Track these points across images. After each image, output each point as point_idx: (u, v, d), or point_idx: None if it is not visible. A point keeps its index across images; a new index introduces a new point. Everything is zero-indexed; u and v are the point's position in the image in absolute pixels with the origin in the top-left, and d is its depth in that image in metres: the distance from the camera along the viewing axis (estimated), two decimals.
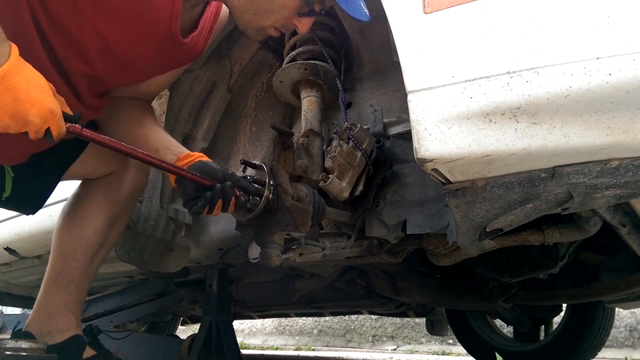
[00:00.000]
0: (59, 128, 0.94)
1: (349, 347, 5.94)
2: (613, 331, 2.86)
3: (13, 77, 0.86)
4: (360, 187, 1.30)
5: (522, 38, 0.83)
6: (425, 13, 0.93)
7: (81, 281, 1.38)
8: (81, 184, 1.46)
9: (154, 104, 1.49)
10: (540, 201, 0.98)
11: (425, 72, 0.90)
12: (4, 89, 0.86)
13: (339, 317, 6.12)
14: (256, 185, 1.16)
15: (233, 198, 1.11)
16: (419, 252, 1.65)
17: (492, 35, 0.85)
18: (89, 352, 1.33)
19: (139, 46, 1.13)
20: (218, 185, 1.11)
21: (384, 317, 5.37)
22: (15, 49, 0.88)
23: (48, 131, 0.93)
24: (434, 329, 2.85)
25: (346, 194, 1.28)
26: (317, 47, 1.43)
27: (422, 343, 5.59)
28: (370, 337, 6.00)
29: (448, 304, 2.26)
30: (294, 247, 1.31)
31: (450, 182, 0.96)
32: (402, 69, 0.93)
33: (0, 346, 1.16)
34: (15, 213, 1.90)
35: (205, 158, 1.21)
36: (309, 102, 1.43)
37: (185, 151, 1.24)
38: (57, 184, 1.39)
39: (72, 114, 0.98)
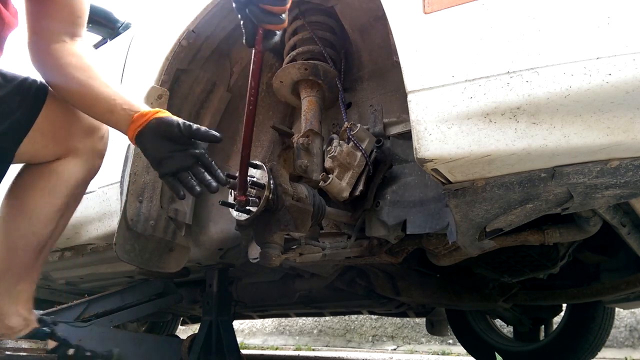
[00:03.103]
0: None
1: (349, 347, 5.94)
2: (613, 331, 2.86)
3: None
4: (360, 187, 1.30)
5: (522, 38, 0.83)
6: (425, 13, 0.93)
7: (31, 275, 1.31)
8: (25, 170, 1.32)
9: (154, 104, 1.49)
10: (540, 201, 0.98)
11: (425, 72, 0.90)
12: None
13: (339, 317, 6.12)
14: (255, 186, 1.16)
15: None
16: (419, 252, 1.65)
17: (492, 35, 0.86)
18: (50, 344, 1.31)
19: None
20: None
21: (384, 317, 5.36)
22: None
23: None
24: (434, 329, 2.85)
25: (346, 194, 1.28)
26: (317, 47, 1.43)
27: (422, 343, 5.59)
28: (370, 337, 6.00)
29: (448, 304, 2.26)
30: (294, 247, 1.31)
31: (450, 182, 0.96)
32: (402, 69, 0.93)
33: (0, 346, 1.16)
34: None
35: (162, 113, 1.13)
36: (309, 102, 1.43)
37: (140, 109, 1.15)
38: (7, 168, 1.27)
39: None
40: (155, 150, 1.08)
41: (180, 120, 1.11)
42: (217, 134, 1.09)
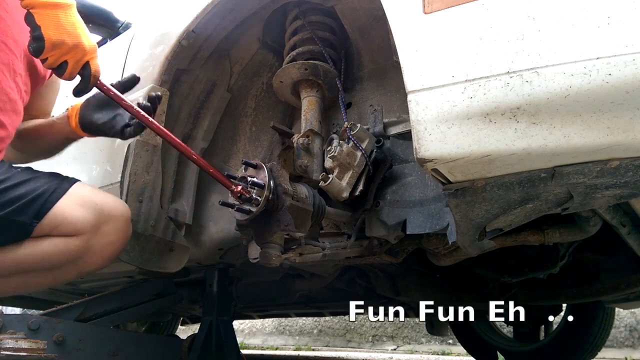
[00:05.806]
0: (96, 65, 1.08)
1: (349, 347, 5.94)
2: (613, 331, 2.86)
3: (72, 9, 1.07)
4: (360, 187, 1.30)
5: (522, 38, 0.83)
6: (425, 13, 0.93)
7: None
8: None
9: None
10: (540, 201, 0.98)
11: (425, 72, 0.90)
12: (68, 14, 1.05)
13: (339, 317, 6.11)
14: (255, 182, 1.17)
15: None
16: (419, 252, 1.65)
17: (492, 35, 0.85)
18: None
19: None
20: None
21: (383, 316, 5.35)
22: None
23: (86, 65, 1.07)
24: (434, 329, 2.85)
25: (346, 194, 1.28)
26: (317, 47, 1.43)
27: (422, 343, 5.58)
28: (370, 337, 5.99)
29: (448, 304, 2.26)
30: (294, 247, 1.31)
31: (450, 182, 0.96)
32: (402, 69, 0.93)
33: (0, 346, 1.16)
34: None
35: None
36: (309, 102, 1.43)
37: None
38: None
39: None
40: (103, 121, 1.24)
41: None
42: (134, 75, 1.26)
